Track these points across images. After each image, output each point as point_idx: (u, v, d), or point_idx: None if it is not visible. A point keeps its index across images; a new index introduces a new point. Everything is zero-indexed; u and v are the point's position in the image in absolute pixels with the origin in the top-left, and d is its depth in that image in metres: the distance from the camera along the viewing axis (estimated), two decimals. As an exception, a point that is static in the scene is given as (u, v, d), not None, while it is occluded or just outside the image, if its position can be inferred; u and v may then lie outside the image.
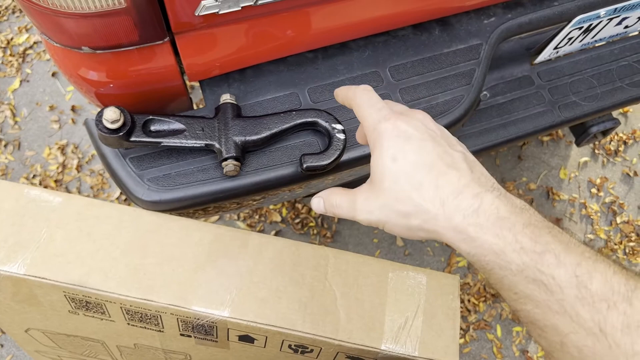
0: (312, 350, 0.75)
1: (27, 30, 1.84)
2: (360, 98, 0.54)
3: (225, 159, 0.74)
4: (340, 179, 0.95)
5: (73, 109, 1.73)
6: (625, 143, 1.87)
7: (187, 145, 0.74)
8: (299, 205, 1.61)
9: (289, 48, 0.82)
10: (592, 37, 1.08)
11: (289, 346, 0.75)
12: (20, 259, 0.70)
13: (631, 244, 1.70)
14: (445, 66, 0.87)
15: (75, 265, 0.71)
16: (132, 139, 0.72)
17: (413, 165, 0.46)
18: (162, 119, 0.74)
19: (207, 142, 0.75)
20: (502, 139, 1.04)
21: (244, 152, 0.77)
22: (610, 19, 1.02)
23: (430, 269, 0.79)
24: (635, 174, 1.81)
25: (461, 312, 1.57)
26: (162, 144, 0.73)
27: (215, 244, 0.75)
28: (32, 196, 0.75)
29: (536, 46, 1.06)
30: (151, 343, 0.84)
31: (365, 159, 0.82)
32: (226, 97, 0.78)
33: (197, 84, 0.85)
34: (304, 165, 0.76)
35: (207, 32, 0.72)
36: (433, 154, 0.46)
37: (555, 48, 1.07)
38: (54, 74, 1.78)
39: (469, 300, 1.58)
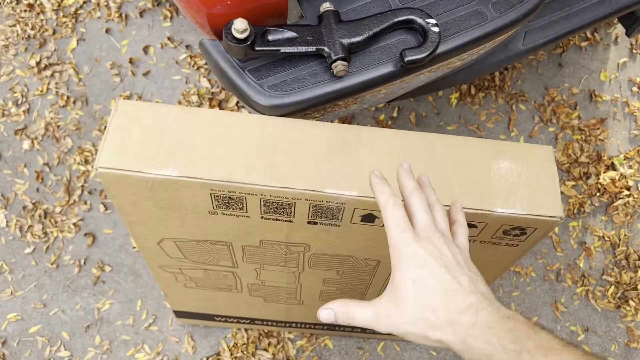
0: (428, 222, 0.85)
1: (73, -10, 1.90)
2: (390, 212, 0.60)
3: (335, 60, 0.82)
4: (385, 94, 1.03)
5: (131, 61, 1.81)
6: (662, 40, 1.91)
7: (301, 51, 0.82)
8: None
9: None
10: None
11: (408, 221, 0.85)
12: (171, 164, 0.80)
13: (675, 135, 1.78)
14: (517, -41, 0.93)
15: (219, 164, 0.80)
16: (257, 47, 0.80)
17: (429, 290, 0.55)
18: (277, 29, 0.82)
19: (317, 47, 0.83)
20: (566, 29, 1.10)
21: (350, 54, 0.85)
22: None
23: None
24: (675, 68, 1.87)
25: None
26: (280, 51, 0.82)
27: (333, 139, 0.84)
28: (167, 112, 0.84)
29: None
30: (277, 237, 0.94)
31: (459, 50, 0.89)
32: (327, 5, 0.86)
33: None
34: (405, 59, 0.84)
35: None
36: (445, 280, 0.55)
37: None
38: (107, 31, 1.86)
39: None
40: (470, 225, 0.84)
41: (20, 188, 1.65)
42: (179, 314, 1.46)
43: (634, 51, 1.90)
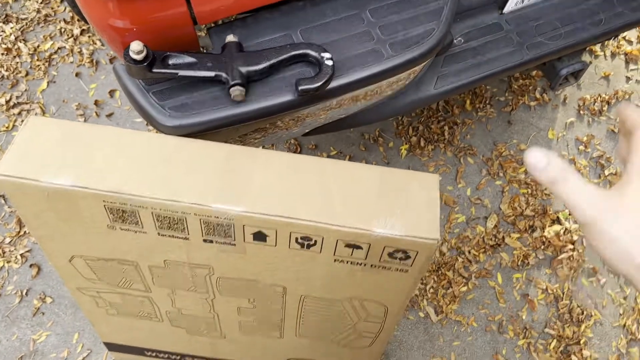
0: (315, 243, 0.88)
1: (51, 38, 2.02)
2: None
3: (232, 85, 0.88)
4: (331, 116, 1.09)
5: (96, 103, 1.90)
6: (608, 103, 1.98)
7: (199, 75, 0.89)
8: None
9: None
10: (553, -15, 1.21)
11: (296, 240, 0.88)
12: (66, 174, 0.84)
13: (620, 193, 1.81)
14: (417, 6, 1.01)
15: (113, 177, 0.84)
16: (154, 69, 0.86)
17: None
18: (178, 54, 0.89)
19: (216, 73, 0.89)
20: (477, 76, 1.16)
21: (248, 81, 0.91)
22: (565, -34, 1.16)
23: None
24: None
25: (463, 263, 1.68)
26: (178, 75, 0.88)
27: (230, 158, 0.89)
28: (75, 128, 0.89)
29: (503, -3, 1.21)
30: (179, 257, 0.97)
31: (354, 85, 0.95)
32: (230, 37, 0.93)
33: (202, 35, 1.00)
34: (299, 88, 0.89)
35: (212, -22, 0.87)
36: None
37: (520, -3, 1.20)
38: (77, 75, 1.96)
39: (469, 252, 1.69)
40: (355, 247, 0.87)
41: (-27, 218, 1.69)
42: (111, 347, 1.45)
43: (581, 112, 1.97)
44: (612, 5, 1.25)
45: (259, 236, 0.89)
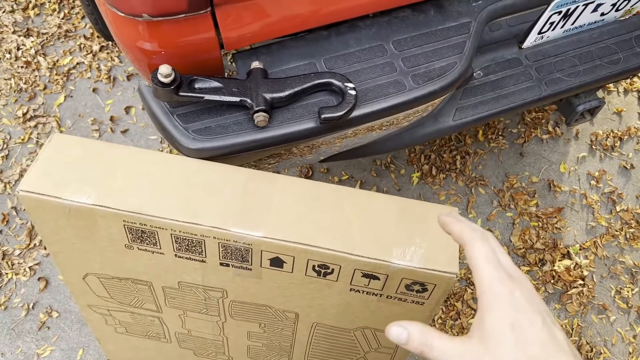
0: (332, 271, 0.88)
1: (70, 53, 2.05)
2: (479, 247, 0.54)
3: (257, 111, 0.89)
4: (346, 145, 1.10)
5: (112, 119, 1.92)
6: (620, 139, 1.99)
7: (224, 100, 0.90)
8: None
9: (308, 20, 0.98)
10: (572, 23, 1.23)
11: (313, 268, 0.88)
12: (88, 193, 0.85)
13: (631, 230, 1.80)
14: (440, 39, 1.02)
15: (134, 197, 0.85)
16: (181, 93, 0.87)
17: (528, 338, 0.48)
18: (204, 78, 0.90)
19: (241, 98, 0.90)
20: (495, 109, 1.17)
21: (272, 107, 0.92)
22: (586, 5, 1.17)
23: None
24: (632, 166, 1.93)
25: (472, 294, 1.66)
26: (204, 99, 0.89)
27: (249, 182, 0.89)
28: (96, 146, 0.90)
29: (522, 33, 1.22)
30: (194, 279, 0.97)
31: (376, 115, 0.96)
32: (256, 64, 0.94)
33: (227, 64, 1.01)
34: (322, 117, 0.90)
35: (241, 4, 0.88)
36: (543, 332, 0.49)
37: (540, 33, 1.22)
38: (94, 90, 1.98)
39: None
40: (372, 277, 0.87)
41: (-16, 229, 1.70)
42: (115, 365, 1.44)
43: (594, 147, 1.97)
44: (630, 45, 1.27)
45: (276, 262, 0.88)
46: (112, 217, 0.85)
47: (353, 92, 0.92)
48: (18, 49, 2.04)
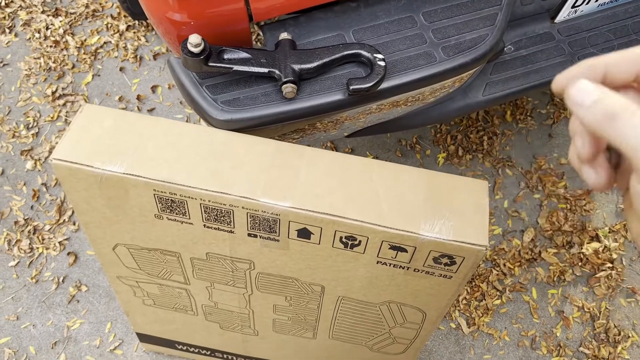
0: (359, 243, 0.87)
1: (98, 32, 2.07)
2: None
3: (285, 82, 0.89)
4: (370, 120, 1.09)
5: (138, 98, 1.93)
6: (654, 120, 1.94)
7: (253, 71, 0.89)
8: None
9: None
10: (607, -4, 1.19)
11: (340, 239, 0.88)
12: (119, 162, 0.86)
13: (663, 213, 1.76)
14: (471, 11, 1.01)
15: (164, 167, 0.86)
16: (210, 63, 0.87)
17: None
18: (233, 49, 0.90)
19: (269, 69, 0.90)
20: (526, 85, 1.15)
21: (300, 79, 0.91)
22: (622, -23, 1.14)
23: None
24: (666, 148, 1.88)
25: (497, 276, 1.65)
26: (233, 69, 0.89)
27: (277, 154, 0.89)
28: (126, 117, 0.91)
29: (555, 7, 1.19)
30: (222, 250, 0.98)
31: (405, 87, 0.95)
32: (284, 35, 0.94)
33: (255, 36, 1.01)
34: (350, 88, 0.90)
35: (270, -25, 0.88)
36: None
37: (573, 7, 1.19)
38: (121, 69, 2.00)
39: (504, 265, 1.67)
40: (400, 249, 0.87)
41: (16, 204, 1.73)
42: (142, 338, 1.47)
43: (625, 128, 1.92)
44: (668, 19, 1.23)
45: (304, 233, 0.89)
46: (142, 187, 0.86)
47: (382, 64, 0.91)
48: (47, 28, 2.07)
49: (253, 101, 0.91)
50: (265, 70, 0.90)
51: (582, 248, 1.70)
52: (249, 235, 0.92)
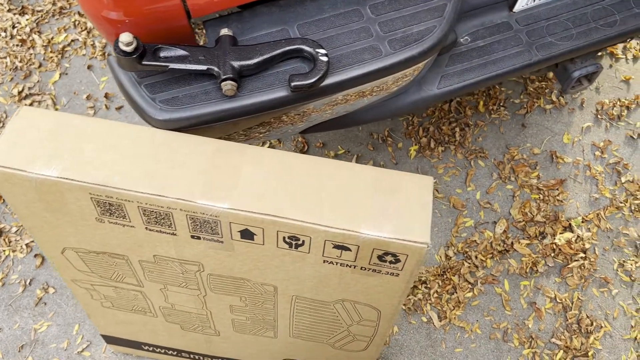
0: (303, 243, 0.86)
1: (65, 30, 2.04)
2: None
3: (224, 80, 0.87)
4: (338, 112, 1.06)
5: (106, 96, 1.91)
6: (628, 108, 1.92)
7: (190, 68, 0.87)
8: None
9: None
10: (566, -16, 1.17)
11: (284, 240, 0.86)
12: (54, 166, 0.83)
13: (637, 201, 1.75)
14: (419, 2, 0.98)
15: (100, 170, 0.83)
16: (144, 62, 0.85)
17: None
18: (170, 47, 0.88)
19: (208, 66, 0.87)
20: (483, 76, 1.13)
21: (240, 76, 0.89)
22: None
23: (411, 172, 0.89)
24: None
25: (469, 268, 1.64)
26: (169, 67, 0.86)
27: (218, 153, 0.87)
28: (66, 119, 0.89)
29: (513, -5, 1.17)
30: (167, 253, 0.96)
31: (350, 82, 0.93)
32: (224, 31, 0.91)
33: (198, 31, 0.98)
34: (292, 84, 0.88)
35: (205, -30, 0.85)
36: None
37: (531, -5, 1.16)
38: (89, 67, 1.97)
39: (476, 257, 1.65)
40: (344, 248, 0.85)
41: (-18, 207, 1.71)
42: (108, 340, 1.45)
43: (599, 116, 1.91)
44: (628, 6, 1.21)
45: (247, 234, 0.87)
46: (78, 190, 0.84)
47: (325, 59, 0.89)
48: (13, 27, 2.04)
49: (192, 100, 0.89)
50: (204, 67, 0.87)
51: (554, 238, 1.69)
52: (192, 237, 0.90)
